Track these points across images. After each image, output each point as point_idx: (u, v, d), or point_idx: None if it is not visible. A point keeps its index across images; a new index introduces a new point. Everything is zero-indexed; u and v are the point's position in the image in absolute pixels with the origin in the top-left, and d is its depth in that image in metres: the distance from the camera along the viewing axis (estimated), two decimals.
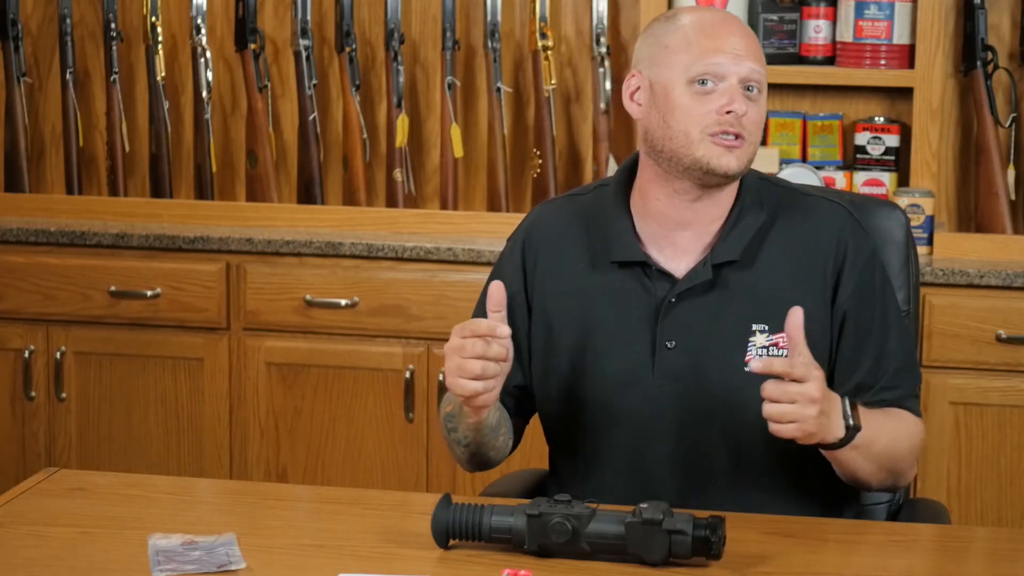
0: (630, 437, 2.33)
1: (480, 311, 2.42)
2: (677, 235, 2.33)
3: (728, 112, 2.24)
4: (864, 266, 2.35)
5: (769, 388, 2.11)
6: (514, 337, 2.33)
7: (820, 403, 2.13)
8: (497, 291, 2.21)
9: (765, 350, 2.29)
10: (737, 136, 2.25)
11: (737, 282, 2.31)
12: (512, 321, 2.36)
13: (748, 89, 2.26)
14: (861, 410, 2.24)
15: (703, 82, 2.25)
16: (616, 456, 2.33)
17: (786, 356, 2.18)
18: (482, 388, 2.16)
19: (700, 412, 2.30)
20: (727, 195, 2.33)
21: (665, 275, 2.32)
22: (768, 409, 2.11)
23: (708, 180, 2.27)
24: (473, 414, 2.27)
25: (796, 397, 2.11)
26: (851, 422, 2.20)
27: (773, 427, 2.13)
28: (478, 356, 2.15)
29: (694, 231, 2.33)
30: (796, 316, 2.14)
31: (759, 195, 2.36)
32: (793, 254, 2.33)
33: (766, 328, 2.29)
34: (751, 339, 2.30)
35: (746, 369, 2.18)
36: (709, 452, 2.31)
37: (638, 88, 2.33)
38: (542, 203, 2.53)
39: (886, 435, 2.29)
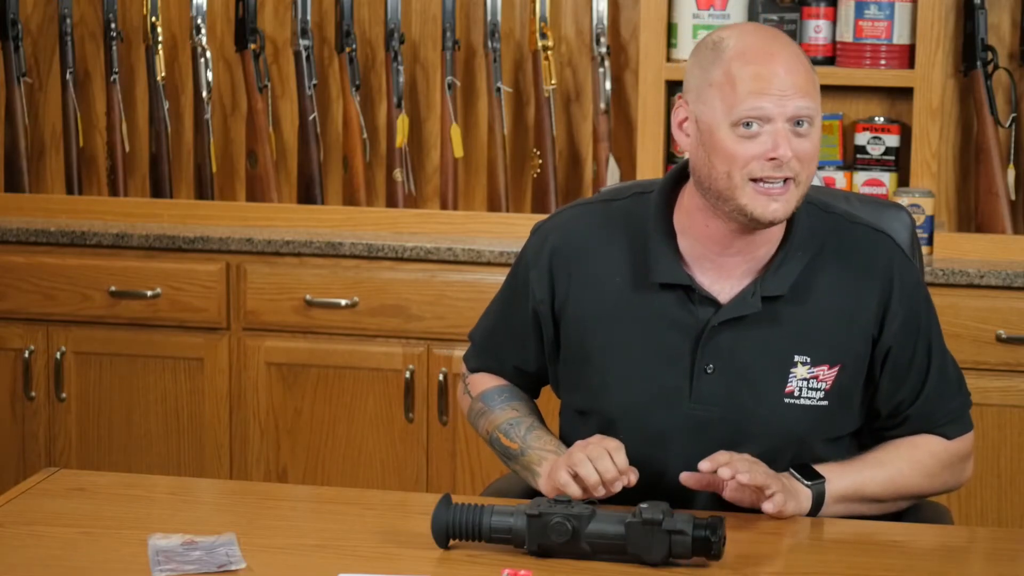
0: (661, 458, 2.31)
1: (498, 305, 2.46)
2: (723, 259, 2.30)
3: (772, 159, 2.18)
4: (910, 299, 2.34)
5: (738, 471, 2.18)
6: (538, 340, 2.41)
7: (759, 464, 2.20)
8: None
9: (805, 382, 2.29)
10: (785, 180, 2.20)
11: (782, 313, 2.29)
12: (537, 328, 2.41)
13: (798, 124, 2.19)
14: (832, 466, 2.29)
15: (748, 124, 2.18)
16: (648, 475, 2.29)
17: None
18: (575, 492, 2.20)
19: (734, 439, 2.28)
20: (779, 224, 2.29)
21: (708, 299, 2.29)
22: (734, 468, 2.17)
23: (753, 225, 2.23)
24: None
25: (748, 464, 2.18)
26: (808, 482, 2.25)
27: (768, 506, 2.18)
28: (591, 457, 2.19)
29: (743, 258, 2.29)
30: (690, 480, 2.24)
31: (810, 227, 2.32)
32: (839, 288, 2.31)
33: (808, 360, 2.29)
34: (792, 370, 2.29)
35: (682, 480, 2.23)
36: None
37: (686, 119, 2.27)
38: (572, 205, 2.46)
39: (880, 474, 2.32)
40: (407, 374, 3.76)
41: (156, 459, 3.88)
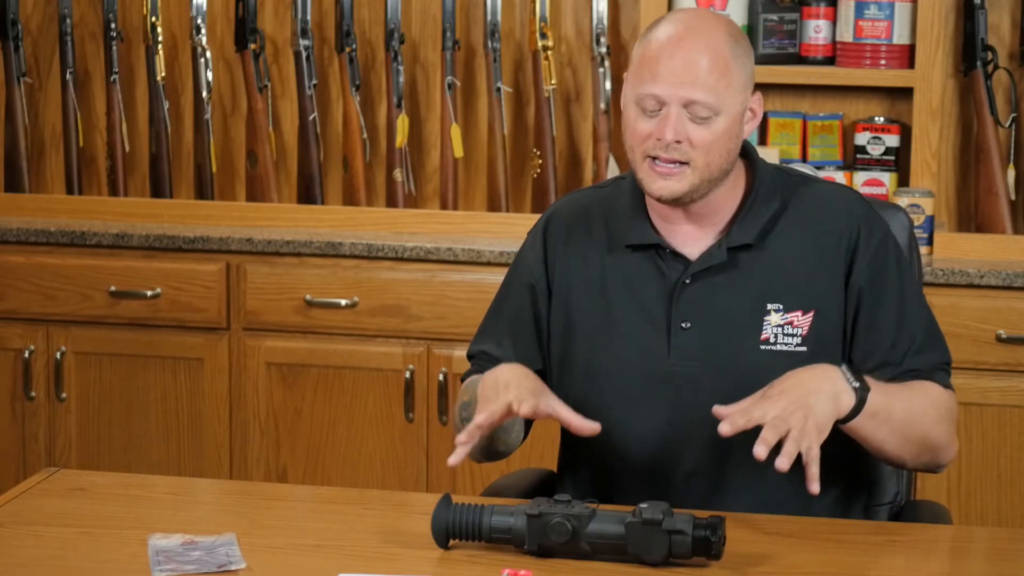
0: (648, 418, 2.35)
1: (501, 304, 2.50)
2: (686, 224, 2.37)
3: (660, 139, 2.27)
4: (878, 244, 2.38)
5: (766, 438, 2.12)
6: (536, 324, 2.46)
7: (796, 405, 2.15)
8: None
9: (780, 328, 2.33)
10: (680, 163, 2.28)
11: (751, 263, 2.35)
12: (535, 308, 2.46)
13: (699, 111, 2.27)
14: (869, 378, 2.25)
15: (646, 104, 2.28)
16: (634, 436, 2.35)
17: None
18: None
19: (716, 391, 2.30)
20: (721, 195, 2.36)
21: (679, 257, 2.36)
22: (785, 450, 2.12)
23: (656, 200, 2.33)
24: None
25: (779, 425, 2.13)
26: (855, 384, 2.21)
27: (809, 464, 2.12)
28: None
29: (700, 223, 2.37)
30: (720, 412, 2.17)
31: (773, 183, 2.39)
32: (807, 235, 2.37)
33: (781, 307, 2.34)
34: (766, 318, 2.34)
35: (721, 432, 2.17)
36: None
37: None
38: (564, 196, 2.58)
39: (904, 401, 2.29)
40: (407, 374, 3.76)
41: (156, 459, 3.88)
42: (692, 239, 2.37)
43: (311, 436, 3.83)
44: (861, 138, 3.83)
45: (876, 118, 3.85)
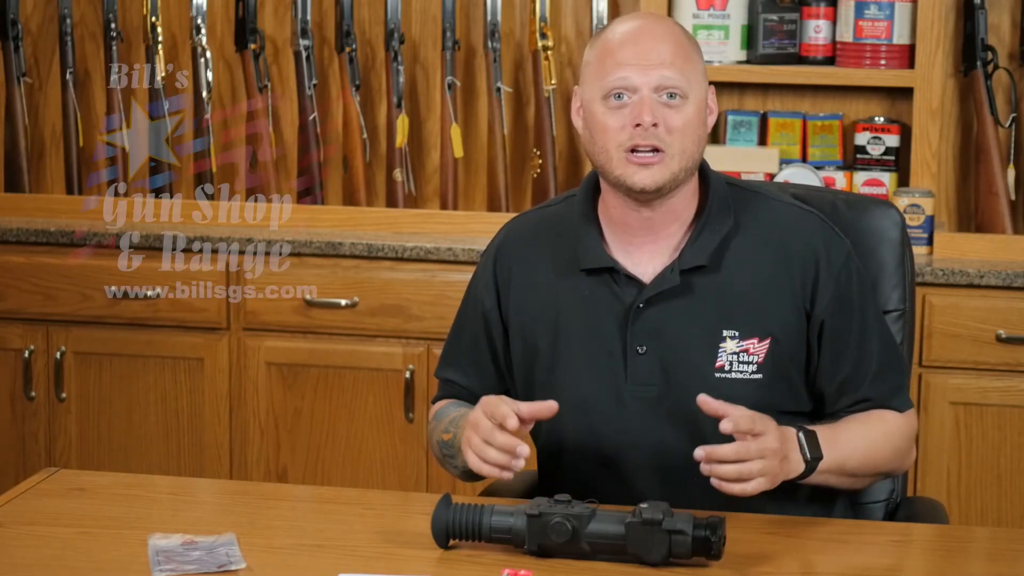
0: (609, 443, 2.34)
1: (459, 331, 2.49)
2: (640, 241, 2.34)
3: (637, 125, 2.25)
4: (839, 273, 2.34)
5: (736, 450, 2.12)
6: (492, 352, 2.44)
7: (781, 449, 2.17)
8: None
9: (735, 356, 2.30)
10: (655, 150, 2.25)
11: (706, 287, 2.32)
12: (489, 337, 2.44)
13: (671, 96, 2.26)
14: (824, 434, 2.26)
15: (618, 96, 2.27)
16: (598, 462, 2.34)
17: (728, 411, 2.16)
18: (494, 474, 2.18)
19: (673, 416, 2.31)
20: (682, 200, 2.33)
21: (633, 280, 2.33)
22: (728, 470, 2.12)
23: (636, 196, 2.29)
24: None
25: (763, 453, 2.14)
26: (809, 455, 2.23)
27: (735, 487, 2.13)
28: (487, 440, 2.17)
29: (656, 236, 2.34)
30: (706, 404, 2.15)
31: (726, 200, 2.36)
32: (762, 259, 2.33)
33: (736, 334, 2.31)
34: (721, 345, 2.31)
35: (696, 456, 2.15)
36: (686, 455, 2.30)
37: (580, 105, 2.36)
38: (513, 218, 2.54)
39: (860, 449, 2.32)
40: (407, 374, 3.76)
41: (156, 459, 3.88)
42: (647, 257, 2.34)
43: (311, 436, 3.83)
44: (861, 138, 3.83)
45: (876, 118, 3.85)
